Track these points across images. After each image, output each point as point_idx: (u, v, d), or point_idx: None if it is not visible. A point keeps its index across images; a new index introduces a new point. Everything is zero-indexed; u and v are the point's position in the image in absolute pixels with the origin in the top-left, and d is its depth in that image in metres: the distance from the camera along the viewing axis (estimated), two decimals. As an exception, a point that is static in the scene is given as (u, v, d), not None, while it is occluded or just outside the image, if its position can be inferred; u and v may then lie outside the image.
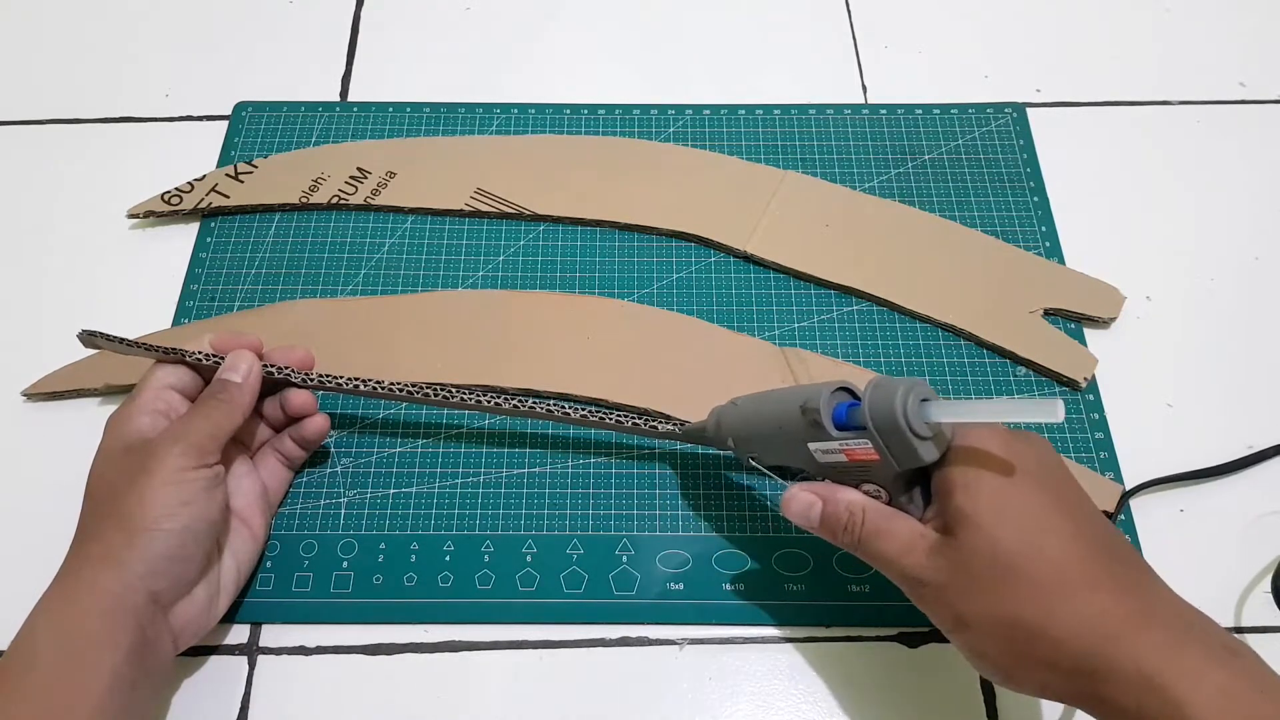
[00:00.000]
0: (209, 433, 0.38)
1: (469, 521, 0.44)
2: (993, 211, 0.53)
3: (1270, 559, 0.44)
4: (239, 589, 0.41)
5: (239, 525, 0.41)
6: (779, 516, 0.44)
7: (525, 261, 0.52)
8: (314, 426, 0.43)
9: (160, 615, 0.37)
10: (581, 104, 0.58)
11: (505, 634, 0.42)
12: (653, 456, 0.46)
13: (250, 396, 0.41)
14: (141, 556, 0.36)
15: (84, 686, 0.34)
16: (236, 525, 0.41)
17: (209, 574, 0.39)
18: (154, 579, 0.36)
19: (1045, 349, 0.48)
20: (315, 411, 0.43)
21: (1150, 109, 0.58)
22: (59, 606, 0.35)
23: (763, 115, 0.57)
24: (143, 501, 0.36)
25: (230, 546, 0.40)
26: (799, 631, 0.42)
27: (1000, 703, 0.41)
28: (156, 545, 0.36)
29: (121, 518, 0.36)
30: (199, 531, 0.37)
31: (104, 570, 0.35)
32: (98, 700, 0.34)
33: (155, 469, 0.37)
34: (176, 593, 0.37)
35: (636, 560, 0.43)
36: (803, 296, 0.51)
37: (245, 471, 0.42)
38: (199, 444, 0.38)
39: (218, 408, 0.39)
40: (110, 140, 0.57)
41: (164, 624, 0.37)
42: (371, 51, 0.61)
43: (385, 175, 0.54)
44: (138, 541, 0.36)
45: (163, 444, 0.38)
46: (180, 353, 0.42)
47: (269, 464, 0.44)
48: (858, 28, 0.61)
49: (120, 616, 0.35)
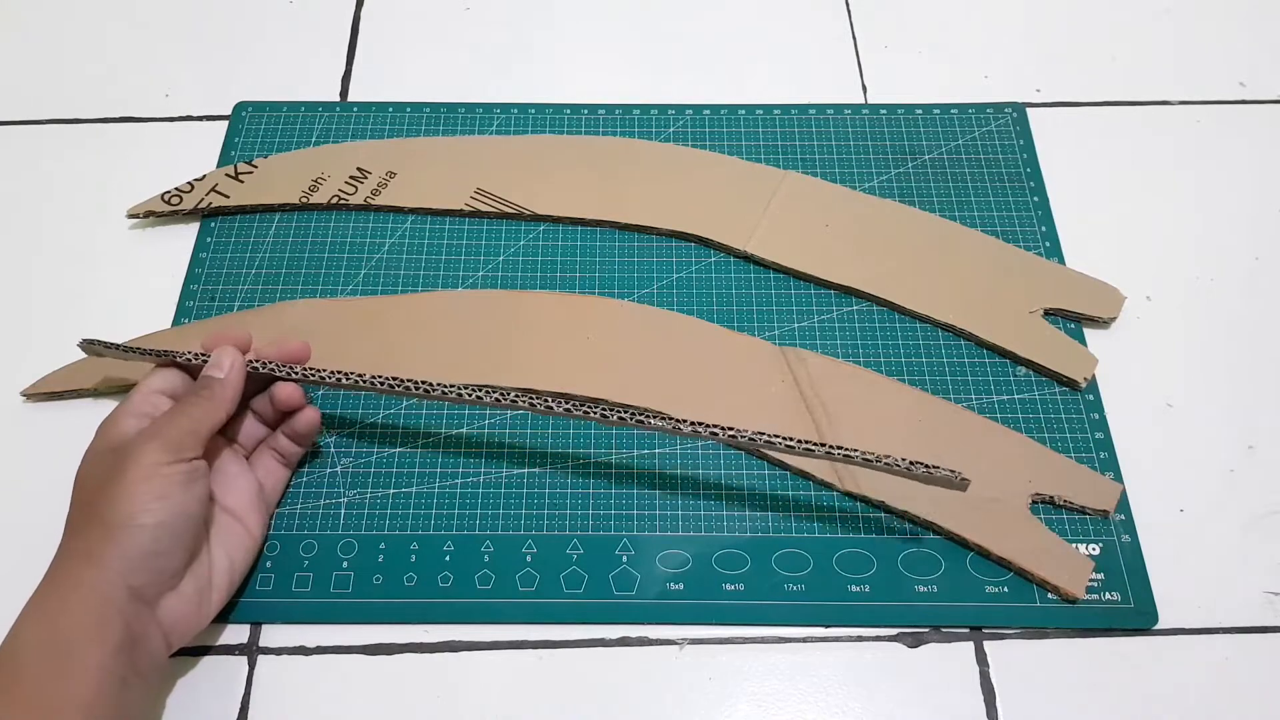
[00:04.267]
0: (187, 429, 0.38)
1: (469, 521, 0.44)
2: (993, 211, 0.53)
3: (1270, 559, 0.44)
4: (234, 587, 0.41)
5: (232, 523, 0.41)
6: (779, 516, 0.44)
7: (525, 261, 0.52)
8: (305, 421, 0.43)
9: (145, 611, 0.37)
10: (581, 104, 0.58)
11: (505, 634, 0.42)
12: (653, 456, 0.46)
13: (232, 391, 0.41)
14: (119, 552, 0.36)
15: (71, 685, 0.34)
16: (229, 522, 0.41)
17: (195, 569, 0.39)
18: (133, 574, 0.36)
19: (1045, 349, 0.48)
20: (304, 404, 0.43)
21: (1150, 109, 0.58)
22: (43, 607, 0.36)
23: (763, 115, 0.57)
24: (119, 497, 0.36)
25: (222, 544, 0.40)
26: (799, 631, 0.42)
27: (1000, 703, 0.41)
28: (133, 540, 0.36)
29: (100, 515, 0.36)
30: (176, 526, 0.37)
31: (85, 568, 0.36)
32: (86, 698, 0.34)
33: (131, 466, 0.37)
34: (158, 588, 0.37)
35: (636, 560, 0.43)
36: (803, 296, 0.51)
37: (239, 470, 0.42)
38: (175, 439, 0.38)
39: (197, 404, 0.40)
40: (110, 140, 0.57)
41: (151, 620, 0.37)
42: (371, 51, 0.61)
43: (385, 175, 0.54)
44: (115, 536, 0.36)
45: (140, 441, 0.38)
46: (177, 355, 0.42)
47: (265, 462, 0.44)
48: (858, 28, 0.61)
49: (104, 612, 0.35)
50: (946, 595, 0.42)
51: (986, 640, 0.42)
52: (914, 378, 0.48)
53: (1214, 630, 0.42)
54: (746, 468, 0.46)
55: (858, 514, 0.45)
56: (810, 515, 0.44)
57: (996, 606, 0.42)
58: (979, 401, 0.47)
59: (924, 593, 0.43)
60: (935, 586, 0.43)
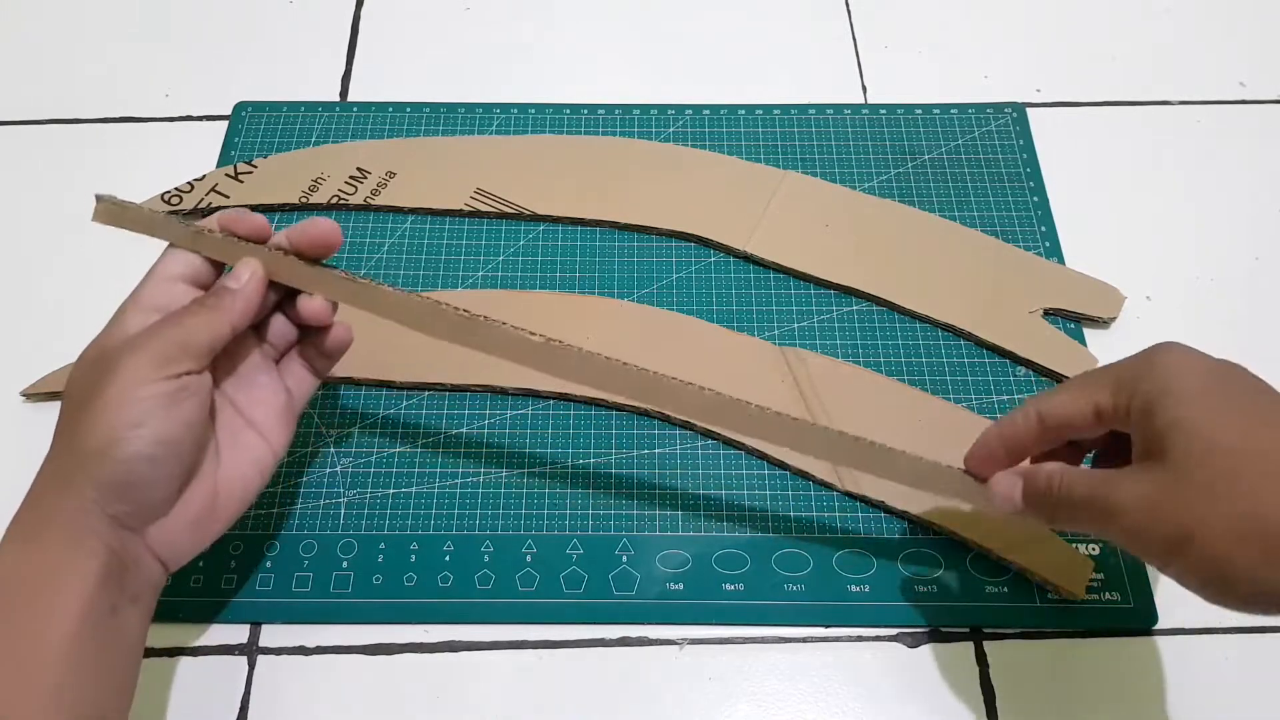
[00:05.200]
0: (179, 340, 0.34)
1: (469, 521, 0.44)
2: (993, 211, 0.53)
3: (1270, 559, 0.44)
4: (246, 504, 0.37)
5: (254, 438, 0.38)
6: (779, 516, 0.44)
7: (525, 261, 0.52)
8: (336, 340, 0.39)
9: (132, 538, 0.34)
10: (581, 104, 0.58)
11: (505, 634, 0.42)
12: (653, 456, 0.46)
13: (244, 304, 0.36)
14: (94, 482, 0.32)
15: (52, 620, 0.31)
16: (251, 438, 0.37)
17: (194, 492, 0.35)
18: (110, 504, 0.33)
19: (1045, 349, 0.48)
20: (332, 320, 0.38)
21: (1150, 109, 0.58)
22: (21, 536, 0.33)
23: (763, 115, 0.57)
24: (95, 422, 0.32)
25: (237, 462, 0.37)
26: (799, 631, 0.42)
27: (1000, 703, 0.41)
28: (107, 471, 0.32)
29: (77, 438, 0.33)
30: (157, 455, 0.33)
31: (61, 496, 0.33)
32: (68, 631, 0.31)
33: (110, 383, 0.33)
34: (143, 517, 0.34)
35: (636, 560, 0.43)
36: (803, 296, 0.51)
37: (269, 380, 0.39)
38: (162, 352, 0.33)
39: (199, 313, 0.35)
40: (110, 140, 0.57)
41: (140, 546, 0.34)
42: (371, 51, 0.61)
43: (385, 175, 0.54)
44: (87, 466, 0.32)
45: (125, 352, 0.33)
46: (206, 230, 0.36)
47: (295, 370, 0.40)
48: (858, 28, 0.61)
49: (83, 543, 0.32)
50: (946, 595, 0.43)
51: (986, 640, 0.42)
52: (914, 378, 0.48)
53: (1214, 630, 0.42)
54: (746, 468, 0.46)
55: (858, 514, 0.45)
56: (810, 515, 0.44)
57: (996, 606, 0.42)
58: (979, 401, 0.47)
59: (924, 593, 0.43)
60: (935, 586, 0.43)
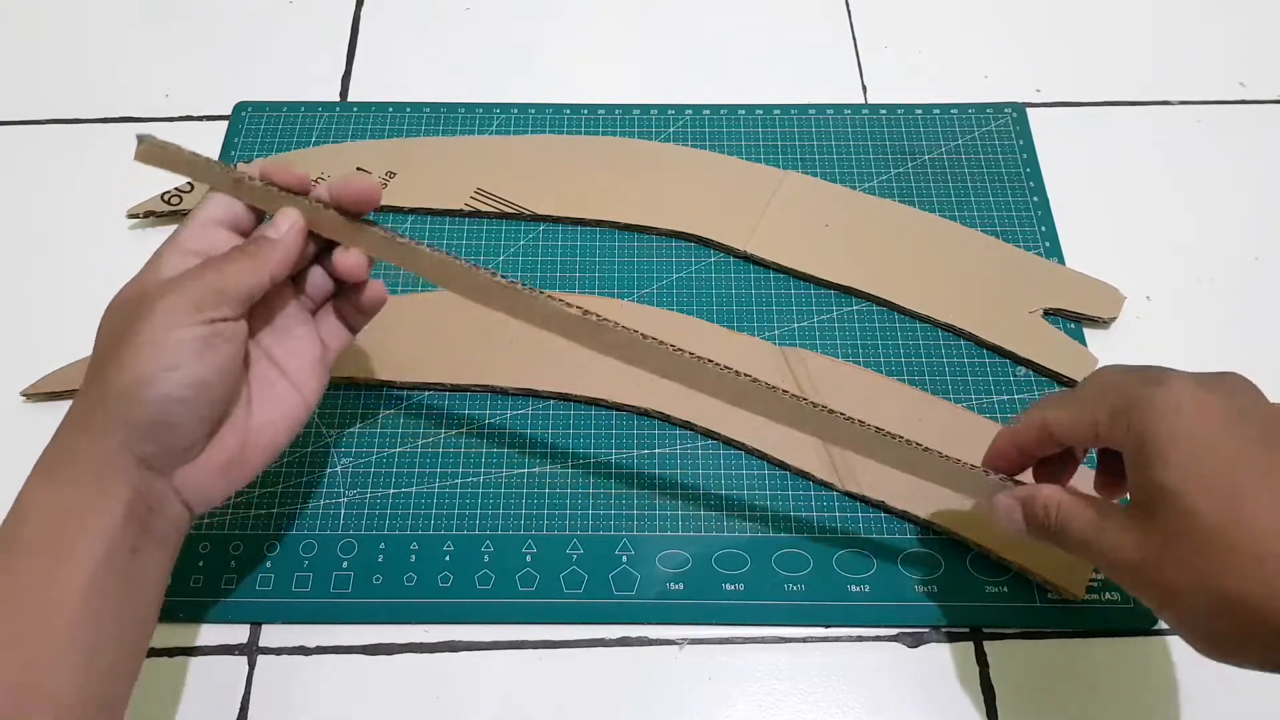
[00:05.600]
0: (217, 285, 0.34)
1: (469, 521, 0.44)
2: (993, 211, 0.53)
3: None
4: (275, 453, 0.37)
5: (287, 389, 0.37)
6: (779, 516, 0.44)
7: (525, 261, 0.52)
8: (371, 296, 0.39)
9: (158, 480, 0.34)
10: (581, 104, 0.58)
11: (505, 634, 0.42)
12: (653, 456, 0.46)
13: (282, 254, 0.36)
14: (121, 423, 0.32)
15: (74, 555, 0.32)
16: (284, 389, 0.37)
17: (223, 439, 0.35)
18: (137, 445, 0.33)
19: (1045, 349, 0.48)
20: (366, 276, 0.38)
21: (1150, 109, 0.58)
22: (46, 476, 0.33)
23: (763, 115, 0.57)
24: (125, 363, 0.32)
25: (267, 411, 0.37)
26: (799, 631, 0.42)
27: (1000, 703, 0.41)
28: (135, 412, 0.32)
29: (107, 378, 0.33)
30: (188, 398, 0.33)
31: (87, 434, 0.33)
32: (89, 567, 0.32)
33: (144, 325, 0.33)
34: (170, 460, 0.34)
35: (636, 560, 0.43)
36: (803, 296, 0.51)
37: (306, 332, 0.39)
38: (201, 296, 0.33)
39: (239, 260, 0.35)
40: (110, 140, 0.57)
41: (167, 488, 0.34)
42: (371, 51, 0.61)
43: (385, 175, 0.54)
44: (115, 408, 0.32)
45: (159, 294, 0.33)
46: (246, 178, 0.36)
47: (330, 322, 0.40)
48: (858, 28, 0.61)
49: (107, 482, 0.32)
50: (946, 595, 0.43)
51: (986, 640, 0.42)
52: (914, 378, 0.48)
53: (1214, 630, 0.42)
54: (746, 468, 0.46)
55: (858, 514, 0.45)
56: (810, 515, 0.44)
57: (996, 606, 0.42)
58: (979, 401, 0.48)
59: (924, 593, 0.43)
60: (935, 586, 0.43)
